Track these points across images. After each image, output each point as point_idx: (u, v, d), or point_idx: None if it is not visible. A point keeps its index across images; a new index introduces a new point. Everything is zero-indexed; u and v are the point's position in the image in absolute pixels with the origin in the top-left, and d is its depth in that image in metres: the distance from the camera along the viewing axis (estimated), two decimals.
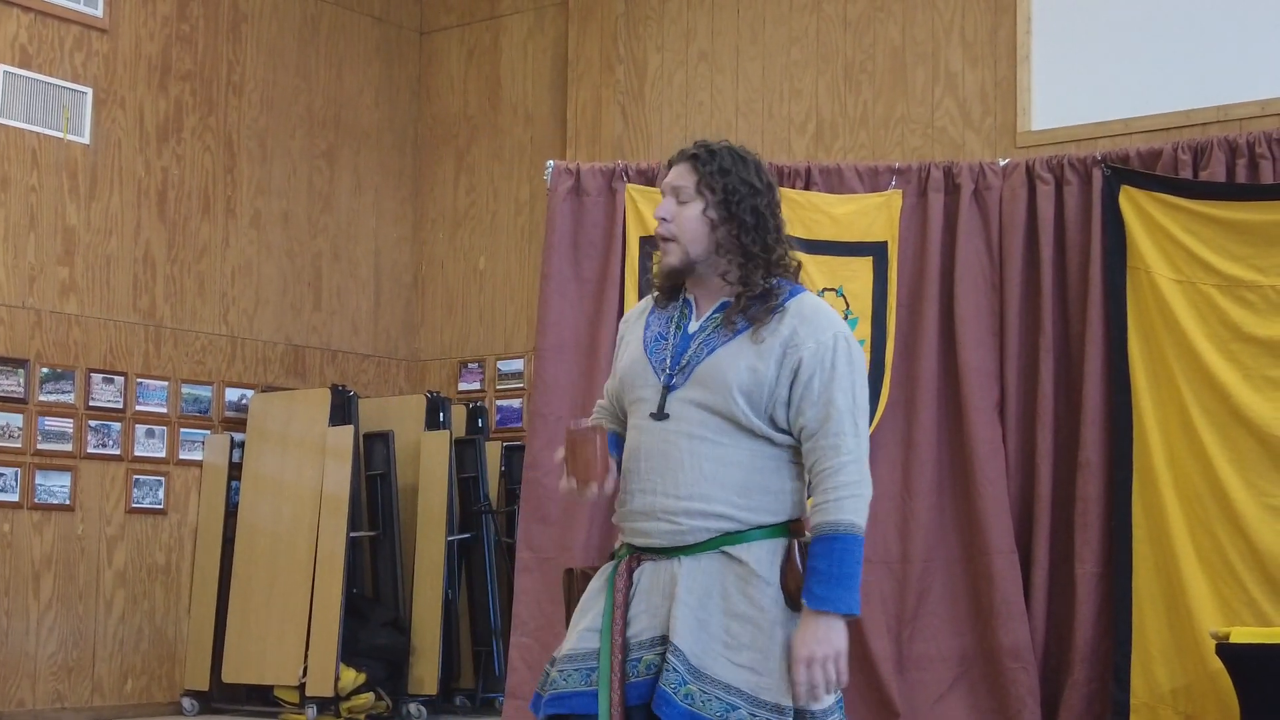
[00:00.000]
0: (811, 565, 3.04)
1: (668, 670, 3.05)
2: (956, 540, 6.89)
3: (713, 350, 3.16)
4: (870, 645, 6.79)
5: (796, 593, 3.06)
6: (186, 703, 8.41)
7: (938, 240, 7.05)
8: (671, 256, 3.21)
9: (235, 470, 8.74)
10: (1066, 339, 6.87)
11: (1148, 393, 6.54)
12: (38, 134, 8.21)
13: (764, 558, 3.10)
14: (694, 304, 3.25)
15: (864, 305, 7.04)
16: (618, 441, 3.32)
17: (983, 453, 6.82)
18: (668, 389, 3.17)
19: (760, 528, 3.11)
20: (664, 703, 3.04)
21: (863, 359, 3.20)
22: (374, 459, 8.76)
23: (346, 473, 8.31)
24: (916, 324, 7.03)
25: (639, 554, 3.19)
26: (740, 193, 3.18)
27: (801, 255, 7.67)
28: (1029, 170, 7.01)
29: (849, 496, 3.05)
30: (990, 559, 6.73)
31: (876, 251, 7.09)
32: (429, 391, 9.22)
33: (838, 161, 7.57)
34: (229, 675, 8.42)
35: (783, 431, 3.13)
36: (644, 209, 7.30)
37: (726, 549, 3.09)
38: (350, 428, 8.45)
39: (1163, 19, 7.57)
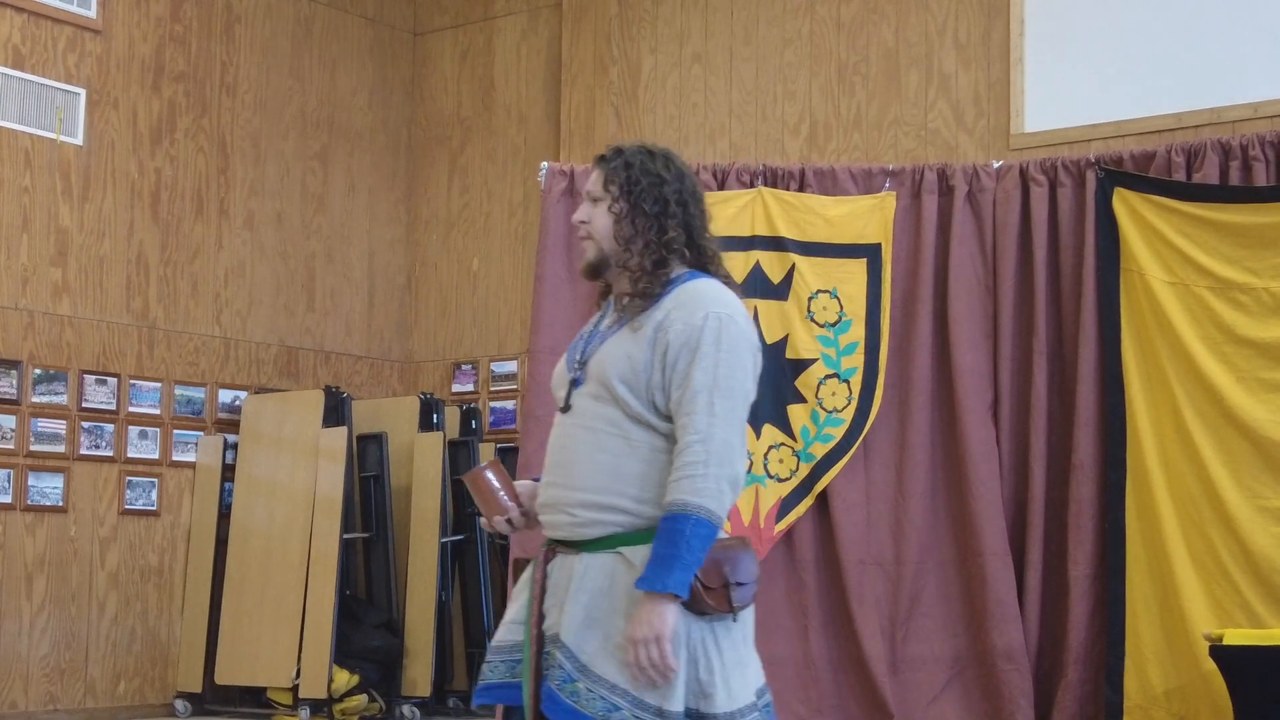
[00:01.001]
0: (652, 546, 3.05)
1: (555, 668, 3.10)
2: (950, 542, 6.90)
3: (603, 342, 3.23)
4: (864, 647, 6.79)
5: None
6: (179, 704, 8.39)
7: (931, 242, 7.06)
8: (589, 253, 3.31)
9: (228, 472, 8.73)
10: (1060, 341, 6.88)
11: (1141, 395, 6.55)
12: (31, 135, 8.20)
13: None
14: (612, 303, 3.33)
15: (858, 307, 7.05)
16: None
17: (976, 454, 6.82)
18: (574, 384, 3.25)
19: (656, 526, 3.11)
20: (549, 700, 3.09)
21: (743, 340, 3.15)
22: (367, 460, 8.75)
23: (340, 474, 8.30)
24: (910, 326, 7.04)
25: (554, 546, 3.23)
26: (641, 183, 3.24)
27: (795, 257, 7.77)
28: (1022, 172, 7.02)
29: (686, 477, 3.03)
30: (984, 561, 6.73)
31: (870, 253, 7.10)
32: (422, 393, 9.22)
33: (831, 163, 7.57)
34: (222, 677, 8.40)
35: (667, 419, 3.14)
36: None
37: (622, 550, 3.11)
38: (344, 429, 8.44)
39: (1156, 21, 7.58)
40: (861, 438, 6.96)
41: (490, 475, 3.31)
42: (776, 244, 7.15)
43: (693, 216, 3.27)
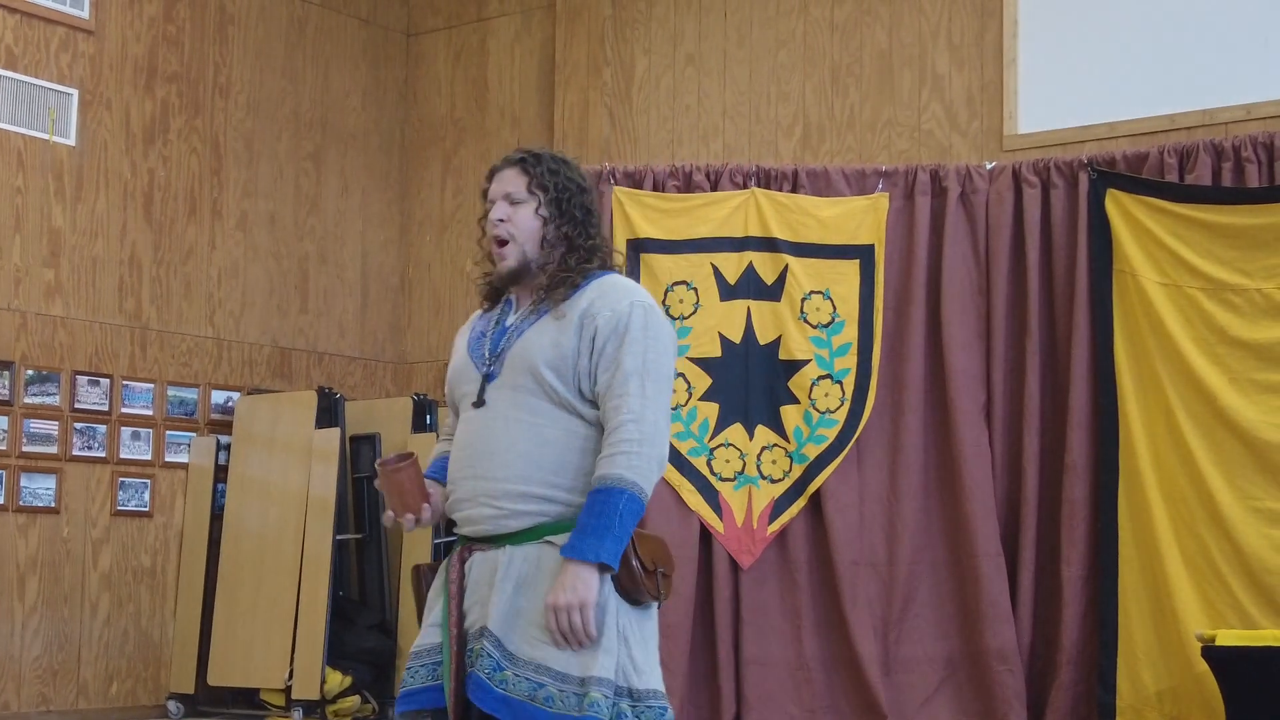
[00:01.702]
0: (578, 518, 3.10)
1: (483, 657, 3.12)
2: (943, 543, 6.91)
3: (521, 334, 3.27)
4: (857, 647, 6.80)
5: (623, 577, 3.11)
6: (172, 706, 8.38)
7: (924, 243, 7.07)
8: (510, 259, 3.33)
9: (221, 473, 8.72)
10: (1053, 342, 6.89)
11: (1133, 396, 6.56)
12: (23, 135, 8.18)
13: None
14: (514, 301, 3.37)
15: (851, 308, 7.06)
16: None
17: (969, 455, 6.83)
18: (487, 378, 3.27)
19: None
20: (478, 688, 3.12)
21: (665, 328, 3.25)
22: (360, 461, 8.74)
23: (333, 475, 8.29)
24: (903, 327, 7.06)
25: (470, 544, 3.25)
26: (570, 190, 3.34)
27: (789, 258, 7.77)
28: (1015, 173, 7.04)
29: (620, 453, 3.10)
30: (976, 561, 6.74)
31: (863, 254, 7.11)
32: (416, 394, 9.21)
33: (824, 164, 7.58)
34: (214, 678, 8.39)
35: (593, 405, 3.20)
36: (631, 211, 7.31)
37: (550, 538, 3.14)
38: (337, 430, 8.43)
39: (1149, 23, 7.59)
40: (854, 439, 6.96)
41: (408, 473, 3.31)
42: (770, 245, 7.15)
43: (602, 224, 3.42)
